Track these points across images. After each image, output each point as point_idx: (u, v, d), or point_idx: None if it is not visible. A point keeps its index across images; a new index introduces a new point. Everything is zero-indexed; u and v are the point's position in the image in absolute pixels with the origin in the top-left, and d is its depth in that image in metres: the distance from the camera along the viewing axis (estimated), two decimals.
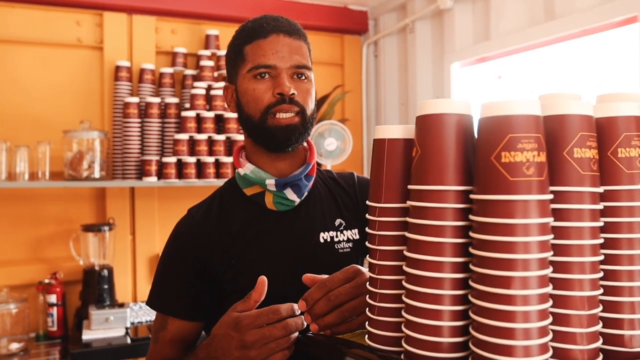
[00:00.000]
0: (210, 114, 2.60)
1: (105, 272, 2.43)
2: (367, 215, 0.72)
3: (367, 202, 0.73)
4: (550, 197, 0.56)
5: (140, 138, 2.56)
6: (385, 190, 0.69)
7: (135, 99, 2.54)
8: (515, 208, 0.54)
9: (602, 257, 0.60)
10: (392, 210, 0.69)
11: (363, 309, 0.79)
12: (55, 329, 2.36)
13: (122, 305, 2.36)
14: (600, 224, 0.59)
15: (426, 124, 0.62)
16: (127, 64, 2.62)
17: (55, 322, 2.36)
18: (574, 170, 0.58)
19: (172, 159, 2.53)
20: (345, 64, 3.23)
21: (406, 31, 2.93)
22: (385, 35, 3.09)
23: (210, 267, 1.05)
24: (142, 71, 2.65)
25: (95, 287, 2.40)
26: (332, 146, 2.73)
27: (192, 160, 2.56)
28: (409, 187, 0.64)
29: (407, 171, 0.67)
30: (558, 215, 0.58)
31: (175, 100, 2.61)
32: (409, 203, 0.64)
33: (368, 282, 0.73)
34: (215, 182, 2.57)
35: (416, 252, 0.62)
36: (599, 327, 0.59)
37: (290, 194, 1.06)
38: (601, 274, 0.59)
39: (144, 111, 2.58)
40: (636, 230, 0.61)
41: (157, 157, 2.54)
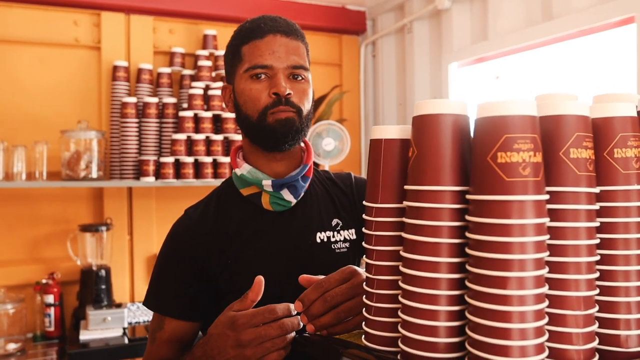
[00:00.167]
0: (208, 114, 2.60)
1: (103, 272, 2.43)
2: (364, 216, 0.72)
3: (364, 203, 0.73)
4: (547, 197, 0.56)
5: (137, 138, 2.56)
6: (381, 191, 0.69)
7: (133, 99, 2.54)
8: (511, 208, 0.54)
9: (598, 258, 0.60)
10: (389, 210, 0.69)
11: (359, 310, 0.79)
12: (52, 329, 2.35)
13: (119, 305, 2.36)
14: (596, 224, 0.59)
15: (422, 124, 0.62)
16: (125, 63, 2.62)
17: (53, 323, 2.35)
18: (570, 171, 0.58)
19: (170, 159, 2.52)
20: (343, 64, 3.23)
21: (404, 31, 2.94)
22: (383, 36, 3.09)
23: (207, 267, 1.05)
24: (140, 71, 2.64)
25: (93, 287, 2.40)
26: (330, 146, 2.73)
27: (190, 160, 2.55)
28: (406, 187, 0.64)
29: (404, 171, 0.67)
30: (554, 215, 0.58)
31: (173, 100, 2.61)
32: (406, 203, 0.64)
33: (365, 282, 0.73)
34: (212, 182, 2.57)
35: (412, 253, 0.62)
36: (595, 327, 0.59)
37: (286, 194, 1.06)
38: (597, 274, 0.59)
39: (141, 111, 2.58)
40: (632, 231, 0.61)
41: (155, 157, 2.54)
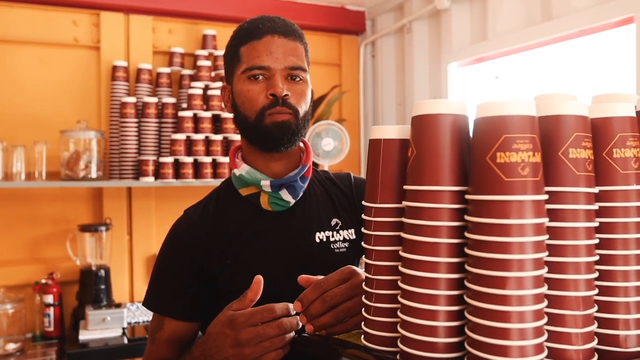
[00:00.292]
0: (208, 114, 2.60)
1: (102, 272, 2.43)
2: (363, 216, 0.72)
3: (363, 203, 0.73)
4: (545, 197, 0.56)
5: (137, 138, 2.56)
6: (381, 191, 0.69)
7: (133, 99, 2.54)
8: (510, 208, 0.54)
9: (597, 258, 0.60)
10: (388, 210, 0.69)
11: (358, 310, 0.79)
12: (51, 329, 2.35)
13: (119, 305, 2.36)
14: (595, 224, 0.59)
15: (421, 124, 0.62)
16: (124, 63, 2.61)
17: (52, 323, 2.35)
18: (569, 171, 0.58)
19: (169, 159, 2.52)
20: (342, 64, 3.23)
21: (403, 31, 2.94)
22: (382, 36, 3.09)
23: (207, 268, 1.05)
24: (139, 71, 2.64)
25: (92, 287, 2.39)
26: (329, 146, 2.73)
27: (189, 160, 2.55)
28: (405, 187, 0.64)
29: (403, 171, 0.67)
30: (553, 215, 0.58)
31: (172, 100, 2.61)
32: (405, 203, 0.64)
33: (364, 283, 0.73)
34: (212, 182, 2.57)
35: (412, 253, 0.62)
36: (594, 328, 0.59)
37: (285, 194, 1.06)
38: (596, 274, 0.59)
39: (141, 111, 2.58)
40: (631, 231, 0.61)
41: (154, 157, 2.54)
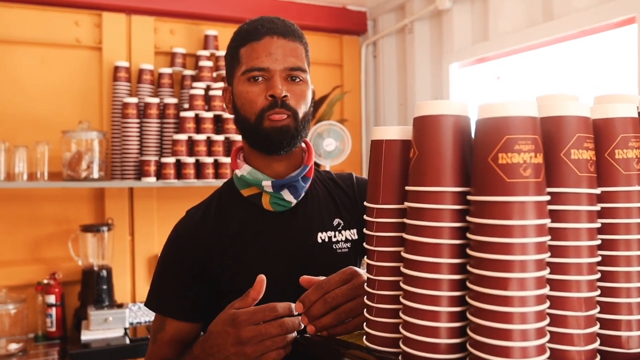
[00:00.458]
0: (209, 115, 2.60)
1: (104, 273, 2.43)
2: (365, 216, 0.72)
3: (365, 203, 0.73)
4: (547, 198, 0.56)
5: (139, 138, 2.56)
6: (382, 191, 0.69)
7: (134, 100, 2.54)
8: (512, 209, 0.54)
9: (599, 259, 0.60)
10: (390, 211, 0.69)
11: (360, 311, 0.79)
12: (54, 329, 2.36)
13: (120, 305, 2.36)
14: (597, 225, 0.59)
15: (423, 125, 0.62)
16: (126, 64, 2.62)
17: (54, 323, 2.35)
18: (571, 172, 0.58)
19: (171, 160, 2.53)
20: (344, 64, 3.23)
21: (405, 32, 2.94)
22: (384, 36, 3.09)
23: (209, 268, 1.05)
24: (141, 71, 2.65)
25: (94, 287, 2.40)
26: (330, 147, 2.73)
27: (191, 160, 2.56)
28: (407, 188, 0.64)
29: (405, 172, 0.67)
30: (555, 216, 0.58)
31: (174, 100, 2.61)
32: (407, 204, 0.64)
33: (366, 283, 0.73)
34: (214, 182, 2.57)
35: (413, 253, 0.62)
36: (596, 328, 0.59)
37: (286, 195, 1.06)
38: (598, 275, 0.59)
39: (142, 111, 2.58)
40: (633, 232, 0.61)
41: (156, 158, 2.54)
